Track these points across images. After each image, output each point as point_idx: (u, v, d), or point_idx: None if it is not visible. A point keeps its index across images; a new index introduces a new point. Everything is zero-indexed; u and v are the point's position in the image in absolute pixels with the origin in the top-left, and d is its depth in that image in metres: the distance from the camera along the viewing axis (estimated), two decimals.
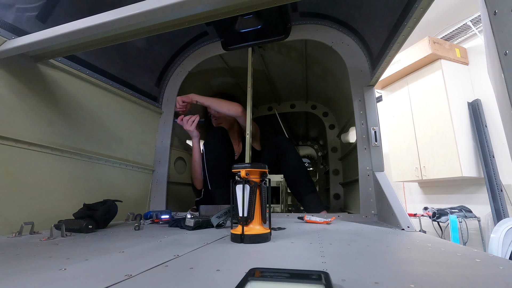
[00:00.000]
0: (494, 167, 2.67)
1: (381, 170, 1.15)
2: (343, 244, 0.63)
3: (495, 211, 2.56)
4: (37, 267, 0.46)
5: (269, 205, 0.77)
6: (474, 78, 3.02)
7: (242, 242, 0.67)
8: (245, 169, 0.71)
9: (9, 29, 0.92)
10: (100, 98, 1.25)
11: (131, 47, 1.38)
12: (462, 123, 2.88)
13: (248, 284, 0.32)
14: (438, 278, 0.39)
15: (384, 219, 1.04)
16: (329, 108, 2.23)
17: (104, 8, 0.82)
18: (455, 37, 3.20)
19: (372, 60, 1.20)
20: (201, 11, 0.84)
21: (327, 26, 1.40)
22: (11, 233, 0.83)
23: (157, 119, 1.59)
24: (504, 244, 1.49)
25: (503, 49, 0.48)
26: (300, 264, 0.49)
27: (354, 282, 0.37)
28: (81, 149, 1.14)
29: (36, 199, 0.96)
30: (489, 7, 0.51)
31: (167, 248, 0.61)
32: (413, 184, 3.74)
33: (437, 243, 0.65)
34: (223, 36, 1.53)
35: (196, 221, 0.93)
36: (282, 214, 1.33)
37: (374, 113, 1.22)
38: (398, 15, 0.88)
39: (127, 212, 1.25)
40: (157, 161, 1.54)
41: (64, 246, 0.66)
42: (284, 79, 2.01)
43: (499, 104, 0.58)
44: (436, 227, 3.00)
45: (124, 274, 0.41)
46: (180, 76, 1.63)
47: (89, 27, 0.81)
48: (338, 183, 2.06)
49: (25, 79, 0.96)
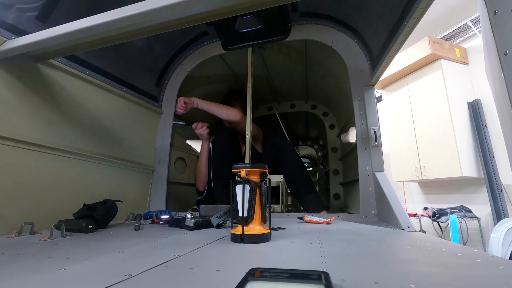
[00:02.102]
0: (494, 167, 2.67)
1: (381, 170, 1.15)
2: (343, 244, 0.63)
3: (495, 211, 2.56)
4: (37, 267, 0.46)
5: (269, 205, 0.77)
6: (474, 78, 3.02)
7: (242, 242, 0.67)
8: (245, 169, 0.71)
9: (9, 29, 0.92)
10: (100, 98, 1.24)
11: (131, 47, 1.38)
12: (462, 123, 2.88)
13: (248, 284, 0.32)
14: (438, 278, 0.39)
15: (384, 219, 1.04)
16: (329, 108, 2.23)
17: (104, 8, 0.82)
18: (455, 37, 3.20)
19: (372, 60, 1.20)
20: (201, 11, 0.84)
21: (327, 26, 1.40)
22: (11, 233, 0.83)
23: (157, 119, 1.59)
24: (504, 244, 1.49)
25: (503, 49, 0.47)
26: (300, 264, 0.49)
27: (354, 282, 0.37)
28: (81, 149, 1.14)
29: (36, 199, 0.96)
30: (489, 7, 0.51)
31: (167, 248, 0.61)
32: (413, 184, 3.74)
33: (437, 243, 0.65)
34: (223, 36, 1.53)
35: (196, 221, 0.93)
36: (282, 214, 1.33)
37: (374, 113, 1.22)
38: (398, 15, 0.88)
39: (127, 212, 1.25)
40: (157, 161, 1.54)
41: (64, 246, 0.66)
42: (284, 79, 2.01)
43: (497, 104, 0.58)
44: (436, 227, 3.00)
45: (124, 274, 0.41)
46: (180, 76, 1.63)
47: (89, 27, 0.81)
48: (338, 183, 2.06)
49: (25, 79, 0.96)
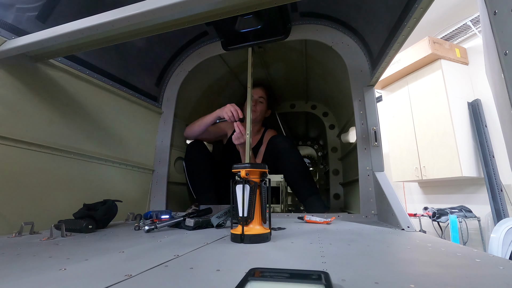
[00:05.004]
0: (494, 167, 2.67)
1: (381, 170, 1.15)
2: (343, 244, 0.63)
3: (495, 211, 2.57)
4: (37, 267, 0.46)
5: (269, 205, 0.77)
6: (474, 78, 3.02)
7: (242, 242, 0.67)
8: (245, 169, 0.71)
9: (9, 29, 0.92)
10: (100, 98, 1.24)
11: (131, 47, 1.38)
12: (462, 123, 2.88)
13: (248, 284, 0.32)
14: (438, 278, 0.39)
15: (384, 219, 1.04)
16: (329, 108, 2.23)
17: (104, 8, 0.82)
18: (455, 37, 3.20)
19: (372, 60, 1.20)
20: (201, 11, 0.84)
21: (327, 26, 1.40)
22: (11, 233, 0.83)
23: (157, 119, 1.59)
24: (504, 244, 1.49)
25: (503, 49, 0.47)
26: (300, 264, 0.49)
27: (354, 282, 0.37)
28: (81, 149, 1.14)
29: (36, 199, 0.96)
30: (489, 7, 0.51)
31: (167, 248, 0.61)
32: (413, 184, 3.74)
33: (437, 243, 0.65)
34: (223, 36, 1.53)
35: (196, 221, 0.93)
36: (282, 214, 1.33)
37: (374, 113, 1.22)
38: (398, 15, 0.88)
39: (127, 212, 1.25)
40: (157, 161, 1.54)
41: (64, 246, 0.66)
42: (284, 79, 2.00)
43: (497, 104, 0.58)
44: (436, 227, 3.00)
45: (124, 274, 0.41)
46: (180, 76, 1.63)
47: (89, 27, 0.81)
48: (338, 183, 2.06)
49: (25, 79, 0.96)
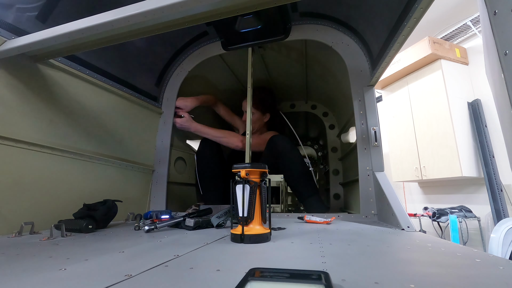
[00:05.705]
0: (494, 167, 2.67)
1: (381, 170, 1.15)
2: (343, 244, 0.63)
3: (495, 211, 2.57)
4: (37, 267, 0.46)
5: (269, 205, 0.77)
6: (474, 78, 3.02)
7: (242, 242, 0.67)
8: (245, 169, 0.71)
9: (9, 29, 0.92)
10: (100, 98, 1.24)
11: (131, 47, 1.38)
12: (462, 123, 2.88)
13: (248, 284, 0.32)
14: (438, 278, 0.39)
15: (384, 219, 1.04)
16: (329, 108, 2.23)
17: (104, 8, 0.82)
18: (455, 37, 3.20)
19: (372, 60, 1.20)
20: (201, 11, 0.84)
21: (327, 26, 1.40)
22: (11, 233, 0.83)
23: (157, 119, 1.59)
24: (504, 244, 1.49)
25: (503, 49, 0.47)
26: (300, 264, 0.49)
27: (354, 282, 0.37)
28: (81, 149, 1.14)
29: (36, 199, 0.96)
30: (489, 7, 0.51)
31: (167, 248, 0.61)
32: (413, 184, 3.74)
33: (437, 243, 0.65)
34: (223, 36, 1.53)
35: (196, 221, 0.93)
36: (282, 214, 1.33)
37: (374, 113, 1.22)
38: (398, 15, 0.88)
39: (127, 212, 1.25)
40: (157, 161, 1.54)
41: (64, 246, 0.66)
42: (284, 79, 2.00)
43: (497, 104, 0.58)
44: (436, 227, 3.00)
45: (124, 274, 0.41)
46: (180, 76, 1.63)
47: (89, 27, 0.81)
48: (338, 183, 2.06)
49: (25, 79, 0.96)
